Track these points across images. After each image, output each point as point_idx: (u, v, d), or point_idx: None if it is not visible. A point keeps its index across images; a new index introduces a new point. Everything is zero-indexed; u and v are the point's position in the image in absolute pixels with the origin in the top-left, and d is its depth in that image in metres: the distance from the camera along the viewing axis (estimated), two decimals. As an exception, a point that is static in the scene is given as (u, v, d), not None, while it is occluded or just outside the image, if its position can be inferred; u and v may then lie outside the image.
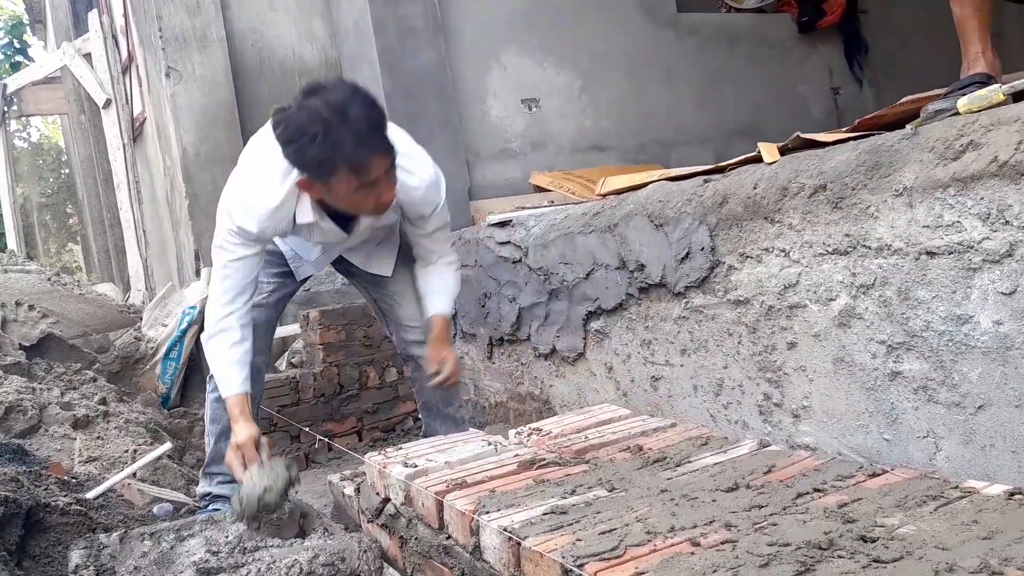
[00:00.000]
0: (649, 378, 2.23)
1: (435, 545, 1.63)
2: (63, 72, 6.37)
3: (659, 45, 4.44)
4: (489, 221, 3.00)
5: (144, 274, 5.33)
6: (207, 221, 3.94)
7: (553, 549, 1.25)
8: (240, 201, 2.01)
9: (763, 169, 1.84)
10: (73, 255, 13.84)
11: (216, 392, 2.30)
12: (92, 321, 3.99)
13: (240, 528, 1.91)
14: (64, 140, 12.21)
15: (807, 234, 1.68)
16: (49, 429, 2.76)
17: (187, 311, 3.86)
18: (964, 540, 1.12)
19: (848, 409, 1.66)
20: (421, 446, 2.07)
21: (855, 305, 1.60)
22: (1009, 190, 1.32)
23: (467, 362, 3.26)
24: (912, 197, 1.47)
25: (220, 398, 2.28)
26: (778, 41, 4.99)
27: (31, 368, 3.26)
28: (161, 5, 3.94)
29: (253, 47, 4.18)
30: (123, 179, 5.34)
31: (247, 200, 2.00)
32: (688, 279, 2.01)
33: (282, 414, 3.26)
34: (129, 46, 5.02)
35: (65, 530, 1.97)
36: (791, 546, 1.16)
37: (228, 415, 2.05)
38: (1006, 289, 1.35)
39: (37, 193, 12.97)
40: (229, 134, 4.00)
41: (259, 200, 1.98)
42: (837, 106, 5.10)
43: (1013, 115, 1.34)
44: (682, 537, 1.25)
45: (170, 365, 3.84)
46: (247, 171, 2.05)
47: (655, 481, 1.56)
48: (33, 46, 13.85)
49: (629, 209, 2.23)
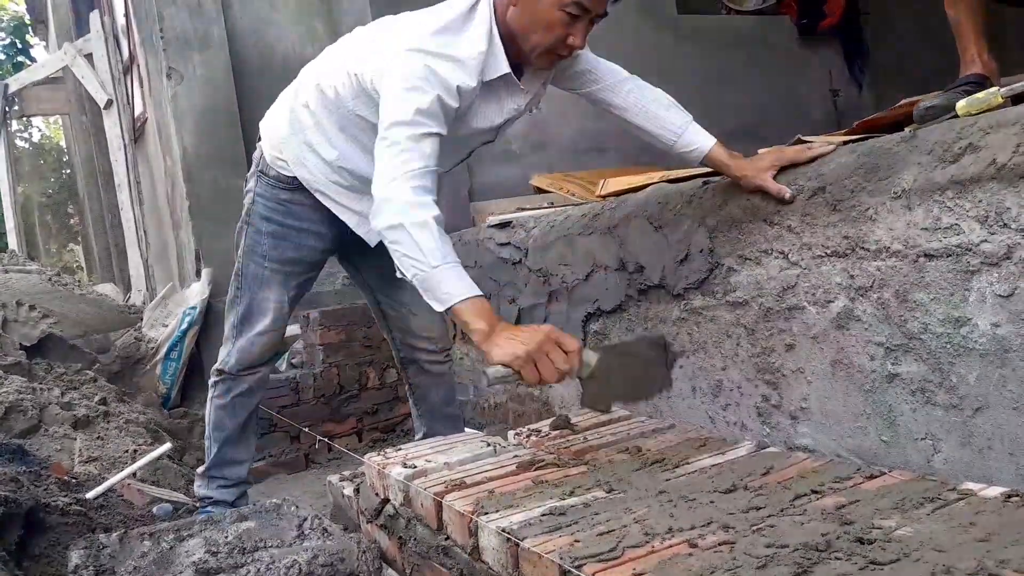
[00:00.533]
0: (648, 379, 2.23)
1: (434, 546, 1.64)
2: (64, 72, 6.38)
3: (659, 46, 4.44)
4: (489, 222, 3.00)
5: (145, 274, 5.33)
6: (208, 221, 3.94)
7: (551, 550, 1.26)
8: (448, 59, 1.69)
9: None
10: (74, 255, 13.84)
11: (223, 399, 2.23)
12: (93, 321, 3.99)
13: (240, 528, 1.92)
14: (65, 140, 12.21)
15: (806, 236, 1.69)
16: (49, 429, 2.76)
17: (187, 311, 3.86)
18: (961, 542, 1.12)
19: (846, 411, 1.66)
20: (420, 447, 2.07)
21: (853, 307, 1.61)
22: (1007, 193, 1.32)
23: (467, 363, 3.26)
24: (910, 200, 1.47)
25: (225, 406, 2.24)
26: (778, 43, 5.00)
27: (31, 368, 3.27)
28: (162, 6, 3.94)
29: (254, 47, 4.18)
30: (124, 179, 5.35)
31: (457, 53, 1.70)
32: (687, 281, 2.01)
33: (282, 414, 3.27)
34: (130, 46, 5.02)
35: (65, 530, 1.97)
36: (789, 547, 1.16)
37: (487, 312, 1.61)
38: (1004, 292, 1.35)
39: (38, 193, 12.98)
40: (230, 135, 4.00)
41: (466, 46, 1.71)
42: (837, 108, 5.11)
43: (1011, 118, 1.34)
44: (680, 538, 1.25)
45: (170, 365, 3.84)
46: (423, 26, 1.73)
47: (653, 482, 1.56)
48: (35, 46, 13.88)
49: (629, 211, 2.23)
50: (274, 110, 2.15)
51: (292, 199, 2.11)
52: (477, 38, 1.73)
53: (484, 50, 1.73)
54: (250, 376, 2.24)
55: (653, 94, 1.95)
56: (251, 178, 2.19)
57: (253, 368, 2.23)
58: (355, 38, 1.99)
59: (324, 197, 2.07)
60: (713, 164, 1.89)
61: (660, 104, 1.93)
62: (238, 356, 2.21)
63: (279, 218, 2.12)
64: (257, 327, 2.18)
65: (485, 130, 1.94)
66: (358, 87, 1.87)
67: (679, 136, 1.91)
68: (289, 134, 2.05)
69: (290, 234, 2.13)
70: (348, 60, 1.90)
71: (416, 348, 2.36)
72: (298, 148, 2.04)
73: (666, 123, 1.91)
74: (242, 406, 2.26)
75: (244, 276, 2.19)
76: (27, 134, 14.35)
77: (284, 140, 2.07)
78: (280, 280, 2.16)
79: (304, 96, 2.01)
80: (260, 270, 2.16)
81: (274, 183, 2.11)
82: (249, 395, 2.27)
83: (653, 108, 1.93)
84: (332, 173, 2.03)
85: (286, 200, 2.11)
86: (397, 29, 1.82)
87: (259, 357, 2.22)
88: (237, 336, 2.21)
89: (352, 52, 1.93)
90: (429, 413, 2.48)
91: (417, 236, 1.60)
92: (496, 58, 1.76)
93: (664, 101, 1.94)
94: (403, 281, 2.26)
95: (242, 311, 2.19)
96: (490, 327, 1.59)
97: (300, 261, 2.17)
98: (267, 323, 2.18)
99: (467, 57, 1.72)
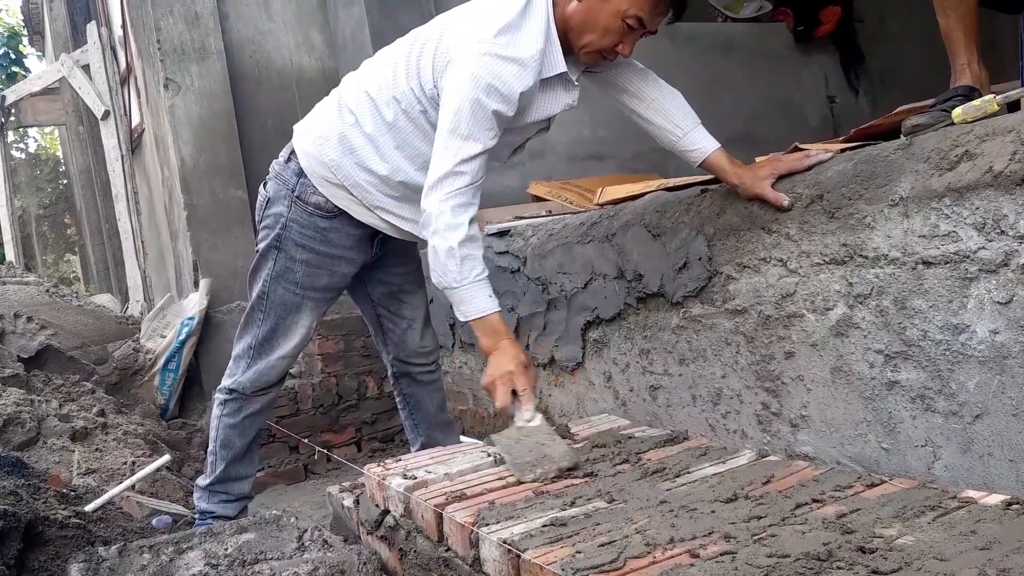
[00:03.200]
0: (648, 387, 2.23)
1: (435, 557, 1.63)
2: (61, 83, 6.38)
3: (655, 54, 4.41)
4: (487, 231, 3.01)
5: (142, 285, 5.33)
6: (206, 232, 3.94)
7: (553, 561, 1.26)
8: (512, 61, 1.70)
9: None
10: (71, 266, 13.82)
11: (234, 419, 2.20)
12: (90, 333, 3.99)
13: (239, 540, 1.91)
14: (62, 151, 12.24)
15: (804, 244, 1.69)
16: (48, 441, 2.76)
17: (185, 322, 3.86)
18: (962, 550, 1.12)
19: (846, 418, 1.66)
20: (420, 458, 2.07)
21: (852, 314, 1.61)
22: (1004, 200, 1.32)
23: (466, 372, 3.26)
24: (908, 207, 1.48)
25: (235, 425, 2.21)
26: (774, 50, 5.01)
27: (29, 380, 3.26)
28: (159, 17, 3.95)
29: (251, 58, 4.20)
30: (121, 190, 5.34)
31: (518, 53, 1.70)
32: (686, 289, 2.02)
33: (280, 424, 3.26)
34: (128, 57, 5.03)
35: (64, 543, 1.97)
36: (790, 557, 1.16)
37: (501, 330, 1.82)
38: (1002, 298, 1.35)
39: (35, 204, 12.96)
40: (227, 145, 4.00)
41: (528, 48, 1.71)
42: (833, 114, 5.12)
43: (1007, 125, 1.35)
44: (681, 548, 1.25)
45: (169, 376, 3.83)
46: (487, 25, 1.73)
47: (654, 492, 1.56)
48: (29, 56, 13.89)
49: (627, 219, 2.23)
50: (317, 132, 2.05)
51: (330, 227, 2.07)
52: (536, 34, 1.74)
53: (542, 48, 1.74)
54: (263, 396, 2.22)
55: (670, 90, 1.97)
56: (279, 202, 2.09)
57: (267, 389, 2.22)
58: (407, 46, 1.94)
59: (384, 212, 2.04)
60: (712, 168, 1.90)
61: (674, 101, 1.95)
62: (254, 377, 2.17)
63: (315, 246, 2.08)
64: (280, 351, 2.16)
65: (541, 121, 1.95)
66: (423, 97, 1.87)
67: (684, 134, 1.92)
68: (340, 157, 2.00)
69: (325, 262, 2.11)
70: (409, 73, 1.89)
71: (410, 363, 2.38)
72: (351, 170, 2.00)
73: (675, 118, 1.93)
74: (252, 425, 2.25)
75: (270, 300, 2.13)
76: (23, 144, 14.34)
77: (336, 164, 2.00)
78: (312, 306, 2.16)
79: (355, 116, 1.98)
80: (291, 296, 2.12)
81: (313, 211, 2.06)
82: (260, 415, 2.26)
83: (667, 104, 1.94)
84: (387, 187, 2.01)
85: (324, 228, 2.07)
86: (459, 28, 1.81)
87: (276, 379, 2.21)
88: (255, 357, 2.17)
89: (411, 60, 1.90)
90: (425, 422, 2.48)
91: (444, 259, 1.78)
92: (553, 55, 1.79)
93: (678, 98, 1.96)
94: (407, 297, 2.28)
95: (264, 334, 2.16)
96: (491, 345, 1.83)
97: (332, 288, 2.17)
98: (292, 347, 2.17)
99: (528, 57, 1.72)
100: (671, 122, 1.93)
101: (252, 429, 2.26)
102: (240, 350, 2.20)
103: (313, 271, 2.11)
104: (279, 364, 2.18)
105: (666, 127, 1.94)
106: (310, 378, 3.45)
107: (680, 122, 1.92)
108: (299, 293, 2.13)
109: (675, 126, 1.93)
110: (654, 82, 1.97)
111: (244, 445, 2.26)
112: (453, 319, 3.23)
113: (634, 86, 1.96)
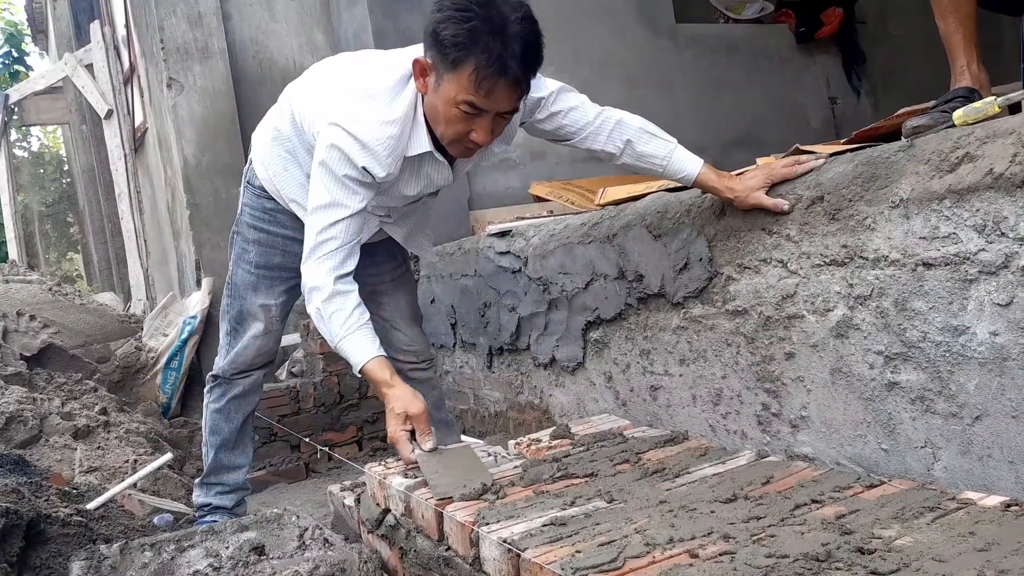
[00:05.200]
0: (648, 388, 2.23)
1: (435, 557, 1.64)
2: (65, 83, 6.40)
3: (658, 55, 4.45)
4: (489, 231, 3.01)
5: (145, 284, 5.34)
6: (208, 231, 3.96)
7: (552, 561, 1.26)
8: (355, 140, 1.76)
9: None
10: (74, 264, 13.85)
11: (218, 403, 2.30)
12: (93, 331, 4.00)
13: (241, 539, 1.92)
14: (65, 150, 12.25)
15: (804, 245, 1.69)
16: (50, 439, 2.76)
17: (188, 321, 3.87)
18: (961, 552, 1.12)
19: (846, 419, 1.67)
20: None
21: (852, 316, 1.61)
22: (1005, 202, 1.33)
23: (466, 371, 3.26)
24: (908, 209, 1.48)
25: (220, 409, 2.30)
26: (776, 51, 5.02)
27: (32, 378, 3.27)
28: (163, 16, 3.97)
29: (254, 58, 4.21)
30: (124, 189, 5.36)
31: (363, 135, 1.76)
32: (686, 289, 2.02)
33: (282, 424, 3.27)
34: (131, 57, 5.04)
35: (66, 541, 1.97)
36: (789, 558, 1.16)
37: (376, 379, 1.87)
38: (1002, 300, 1.36)
39: (38, 202, 12.99)
40: (230, 144, 4.02)
41: (375, 131, 1.76)
42: (835, 116, 5.13)
43: (1008, 127, 1.35)
44: (681, 548, 1.26)
45: (171, 375, 3.85)
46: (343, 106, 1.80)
47: (654, 492, 1.56)
48: (31, 55, 13.92)
49: (628, 220, 2.24)
50: (262, 123, 2.19)
51: (276, 207, 2.17)
52: (393, 119, 1.78)
53: (395, 134, 1.78)
54: (243, 379, 2.29)
55: (632, 129, 1.92)
56: (242, 191, 2.26)
57: (246, 372, 2.29)
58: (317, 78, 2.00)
59: (299, 208, 2.08)
60: (703, 187, 1.90)
61: (642, 139, 1.92)
62: (232, 359, 2.27)
63: (265, 226, 2.19)
64: (250, 331, 2.25)
65: (417, 195, 2.01)
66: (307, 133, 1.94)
67: (665, 167, 1.91)
68: (270, 146, 2.10)
69: (277, 241, 2.20)
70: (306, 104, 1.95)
71: (399, 360, 2.39)
72: (279, 160, 2.09)
73: (650, 158, 1.92)
74: (237, 409, 2.31)
75: (233, 283, 2.26)
76: (26, 143, 14.37)
77: (266, 153, 2.12)
78: (267, 285, 2.23)
79: (283, 116, 2.06)
80: (248, 276, 2.23)
81: (260, 192, 2.18)
82: (243, 398, 2.31)
83: (637, 146, 1.92)
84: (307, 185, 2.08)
85: (271, 209, 2.18)
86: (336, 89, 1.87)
87: (252, 361, 2.28)
88: (231, 342, 2.28)
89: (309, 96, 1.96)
90: None
91: (317, 322, 1.87)
92: (418, 136, 1.82)
93: (644, 135, 1.92)
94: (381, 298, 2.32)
95: (233, 317, 2.27)
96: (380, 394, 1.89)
97: (286, 267, 2.21)
98: (259, 327, 2.24)
99: (373, 141, 1.77)
100: (648, 162, 1.92)
101: (238, 414, 2.32)
102: (222, 338, 2.31)
103: (265, 250, 2.20)
104: (252, 345, 2.25)
105: (645, 167, 1.94)
106: (312, 377, 3.46)
107: (655, 158, 1.91)
108: (254, 272, 2.21)
109: (652, 164, 1.92)
110: (618, 127, 1.93)
111: (232, 431, 2.32)
112: (455, 319, 3.24)
113: (599, 144, 1.95)
